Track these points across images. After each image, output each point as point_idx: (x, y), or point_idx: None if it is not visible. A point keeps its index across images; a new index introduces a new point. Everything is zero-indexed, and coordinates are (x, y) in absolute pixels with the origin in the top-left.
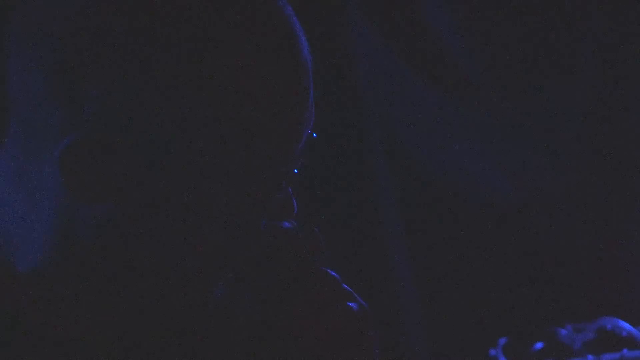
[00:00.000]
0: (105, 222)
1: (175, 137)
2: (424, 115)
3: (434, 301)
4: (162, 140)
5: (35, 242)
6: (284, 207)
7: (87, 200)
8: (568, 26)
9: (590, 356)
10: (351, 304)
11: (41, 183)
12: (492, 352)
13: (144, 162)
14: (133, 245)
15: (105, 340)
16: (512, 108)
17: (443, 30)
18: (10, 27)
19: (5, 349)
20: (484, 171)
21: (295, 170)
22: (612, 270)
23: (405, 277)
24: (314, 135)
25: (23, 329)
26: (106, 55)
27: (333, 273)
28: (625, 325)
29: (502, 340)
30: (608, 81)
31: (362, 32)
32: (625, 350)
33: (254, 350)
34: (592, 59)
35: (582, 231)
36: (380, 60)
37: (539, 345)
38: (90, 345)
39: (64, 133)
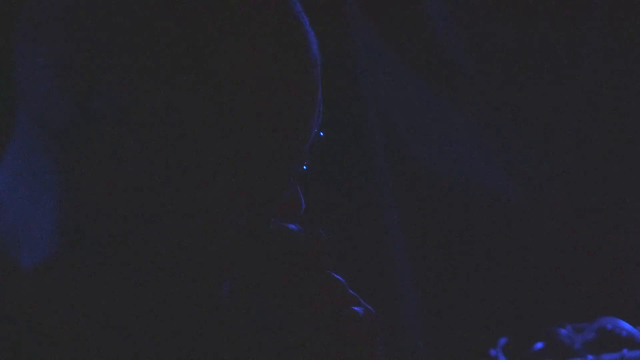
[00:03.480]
0: (110, 219)
1: (183, 134)
2: (424, 115)
3: (434, 301)
4: (170, 136)
5: (40, 238)
6: (292, 204)
7: (93, 196)
8: (568, 25)
9: (590, 356)
10: (357, 308)
11: (47, 179)
12: (492, 352)
13: (152, 158)
14: (139, 242)
15: (110, 337)
16: (512, 107)
17: (443, 30)
18: (19, 22)
19: (9, 347)
20: (484, 171)
21: (304, 167)
22: (612, 270)
23: (405, 277)
24: (321, 134)
25: (27, 327)
26: (115, 51)
27: (338, 277)
28: (625, 325)
29: (502, 340)
30: (608, 81)
31: (362, 32)
32: (625, 350)
33: (259, 352)
34: (592, 58)
35: (582, 231)
36: (380, 60)
37: (539, 345)
38: (95, 343)
39: (71, 128)
